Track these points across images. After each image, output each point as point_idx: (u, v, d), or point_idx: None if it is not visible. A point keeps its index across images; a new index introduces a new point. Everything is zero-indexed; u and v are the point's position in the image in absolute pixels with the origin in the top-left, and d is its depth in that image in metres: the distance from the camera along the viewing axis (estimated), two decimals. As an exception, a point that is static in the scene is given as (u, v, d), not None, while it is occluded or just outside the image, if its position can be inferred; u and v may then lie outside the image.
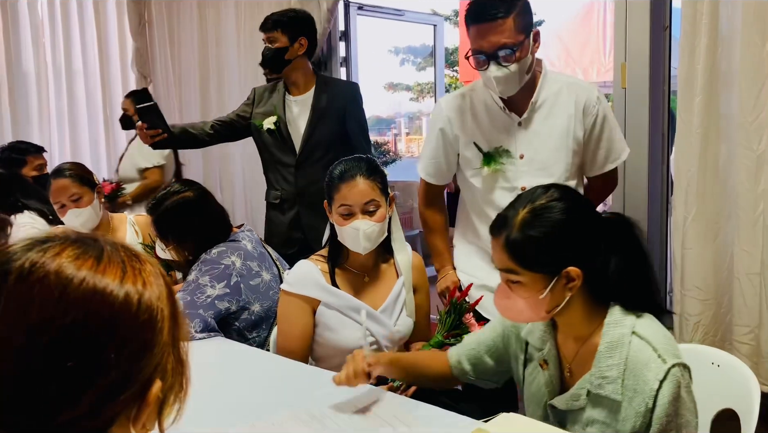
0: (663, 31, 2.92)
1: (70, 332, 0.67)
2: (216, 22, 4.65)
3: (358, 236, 1.88)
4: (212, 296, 2.10)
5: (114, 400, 0.70)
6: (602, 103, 2.09)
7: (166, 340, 0.74)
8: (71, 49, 5.33)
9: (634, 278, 1.39)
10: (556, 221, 1.35)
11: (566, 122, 2.05)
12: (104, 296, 0.69)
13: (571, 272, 1.34)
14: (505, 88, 1.98)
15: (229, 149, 4.67)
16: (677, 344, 1.38)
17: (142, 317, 0.71)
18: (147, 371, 0.72)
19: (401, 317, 2.02)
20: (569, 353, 1.47)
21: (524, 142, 2.05)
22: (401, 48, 11.82)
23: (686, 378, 1.30)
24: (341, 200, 1.89)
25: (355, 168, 1.90)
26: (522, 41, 1.91)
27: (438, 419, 1.49)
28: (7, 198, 3.10)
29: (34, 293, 0.68)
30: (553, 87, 2.07)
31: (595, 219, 1.41)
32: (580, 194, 1.49)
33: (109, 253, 0.73)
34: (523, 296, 1.38)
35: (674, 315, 2.69)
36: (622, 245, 1.39)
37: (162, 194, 2.24)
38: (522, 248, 1.35)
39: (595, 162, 2.13)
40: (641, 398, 1.29)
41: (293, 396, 1.66)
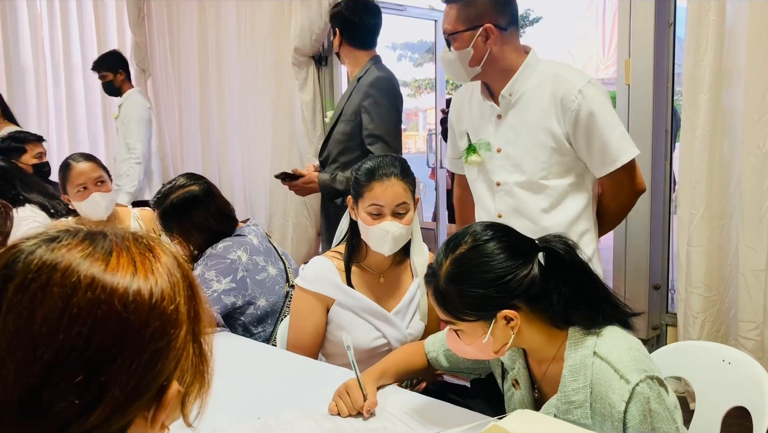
0: (667, 28, 2.91)
1: (76, 346, 0.63)
2: (216, 16, 4.63)
3: (386, 238, 1.84)
4: (218, 291, 2.09)
5: (126, 409, 0.66)
6: (586, 97, 1.85)
7: (183, 340, 0.70)
8: (70, 43, 5.31)
9: (582, 297, 1.35)
10: (474, 268, 1.33)
11: (541, 117, 1.91)
12: (111, 306, 0.65)
13: (507, 314, 1.32)
14: (449, 72, 2.04)
15: (228, 143, 4.66)
16: (646, 352, 1.35)
17: (153, 324, 0.67)
18: (161, 377, 0.69)
19: (414, 321, 1.99)
20: (539, 373, 1.46)
21: (501, 135, 1.99)
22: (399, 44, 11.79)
23: (655, 389, 1.27)
24: (373, 199, 1.83)
25: (389, 167, 1.85)
26: (459, 31, 1.92)
27: (448, 415, 1.49)
28: (8, 191, 3.07)
29: (36, 303, 0.64)
30: (534, 79, 1.94)
31: (522, 252, 1.35)
32: (503, 230, 1.39)
33: (118, 247, 0.69)
34: (467, 343, 1.38)
35: (678, 314, 2.70)
36: (559, 269, 1.35)
37: (167, 188, 2.23)
38: (449, 300, 1.34)
39: (592, 163, 1.93)
40: (610, 423, 1.27)
41: (301, 392, 1.65)
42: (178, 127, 5.14)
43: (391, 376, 1.67)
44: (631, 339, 1.36)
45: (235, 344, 2.03)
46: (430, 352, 1.71)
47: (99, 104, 5.44)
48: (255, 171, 4.50)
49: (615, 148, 1.88)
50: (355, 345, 1.89)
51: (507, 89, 1.96)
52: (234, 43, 4.53)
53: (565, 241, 1.37)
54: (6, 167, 3.16)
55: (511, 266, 1.32)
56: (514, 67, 1.96)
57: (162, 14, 5.05)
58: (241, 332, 2.17)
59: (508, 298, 1.32)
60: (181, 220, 2.19)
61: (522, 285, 1.32)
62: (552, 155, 1.92)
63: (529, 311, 1.34)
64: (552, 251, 1.35)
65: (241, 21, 4.45)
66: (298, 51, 4.05)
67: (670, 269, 3.03)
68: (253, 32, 4.37)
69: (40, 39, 5.20)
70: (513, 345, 1.37)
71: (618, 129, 1.90)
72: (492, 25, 1.90)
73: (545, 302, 1.34)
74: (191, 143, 4.98)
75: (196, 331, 0.73)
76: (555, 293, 1.34)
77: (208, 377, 0.76)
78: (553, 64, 2.01)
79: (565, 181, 1.95)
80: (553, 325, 1.37)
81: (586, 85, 1.88)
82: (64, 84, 5.32)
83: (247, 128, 4.54)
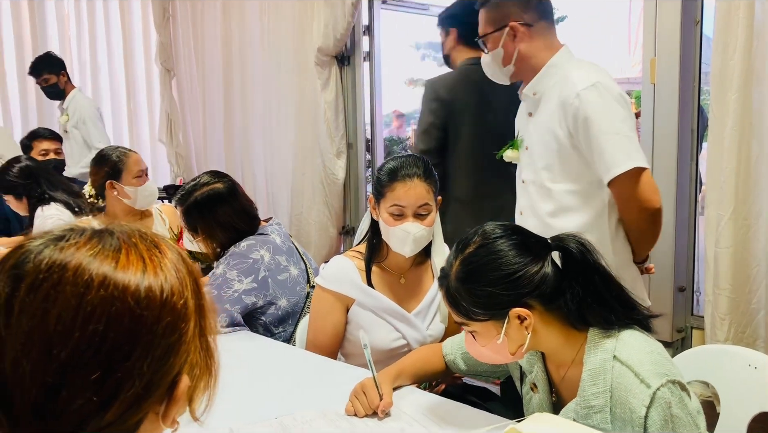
0: (694, 26, 2.86)
1: (91, 344, 0.64)
2: (240, 16, 4.65)
3: (407, 239, 1.83)
4: (239, 291, 2.09)
5: (140, 405, 0.67)
6: (583, 101, 1.79)
7: (192, 334, 0.71)
8: (96, 42, 5.38)
9: (595, 297, 1.33)
10: (482, 267, 1.32)
11: (548, 118, 1.91)
12: (124, 302, 0.66)
13: (520, 312, 1.30)
14: (488, 74, 2.07)
15: (251, 143, 4.69)
16: (667, 355, 1.33)
17: (165, 319, 0.68)
18: (173, 372, 0.70)
19: (434, 322, 1.98)
20: (557, 377, 1.44)
21: (527, 133, 2.03)
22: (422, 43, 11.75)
23: (676, 393, 1.25)
24: (395, 200, 1.82)
25: (412, 168, 1.83)
26: (489, 33, 1.97)
27: (467, 418, 1.48)
28: (35, 190, 3.12)
29: (50, 302, 0.64)
30: (551, 79, 1.93)
31: (532, 250, 1.33)
32: (514, 228, 1.38)
33: (126, 244, 0.70)
34: (482, 344, 1.36)
35: (705, 316, 2.66)
36: (572, 267, 1.33)
37: (191, 186, 2.24)
38: (460, 301, 1.34)
39: (599, 169, 1.84)
40: (631, 428, 1.25)
41: (320, 392, 1.65)
42: (201, 126, 5.18)
43: (408, 377, 1.66)
44: (651, 342, 1.34)
45: (255, 343, 2.03)
46: (448, 355, 1.70)
47: (124, 103, 5.51)
48: (277, 170, 4.52)
49: (609, 158, 1.78)
50: (375, 346, 1.89)
51: (530, 88, 1.98)
52: (258, 43, 4.55)
53: (579, 240, 1.36)
54: (32, 166, 3.21)
55: (520, 262, 1.31)
56: (542, 65, 1.98)
57: (187, 14, 5.09)
58: (262, 331, 2.18)
59: (519, 296, 1.30)
60: (205, 217, 2.20)
61: (533, 282, 1.30)
62: (555, 157, 1.91)
63: (543, 310, 1.33)
64: (565, 249, 1.34)
65: (265, 21, 4.47)
66: (322, 51, 4.05)
67: (695, 271, 2.98)
68: (277, 32, 4.39)
69: (68, 39, 5.27)
70: (530, 347, 1.36)
71: (615, 137, 1.78)
72: (516, 23, 1.93)
73: (560, 301, 1.32)
74: (215, 143, 5.01)
75: (202, 325, 0.74)
76: (569, 292, 1.32)
77: (214, 370, 0.77)
78: (575, 63, 1.97)
79: (569, 187, 1.90)
80: (570, 326, 1.35)
81: (586, 88, 1.81)
82: (90, 83, 5.39)
83: (270, 128, 4.56)
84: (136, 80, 5.52)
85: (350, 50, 4.20)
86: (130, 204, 2.81)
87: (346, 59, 4.22)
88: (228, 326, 2.07)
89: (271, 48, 4.45)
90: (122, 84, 5.49)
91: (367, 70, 4.28)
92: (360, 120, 4.26)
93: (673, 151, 2.82)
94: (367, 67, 4.27)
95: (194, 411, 0.76)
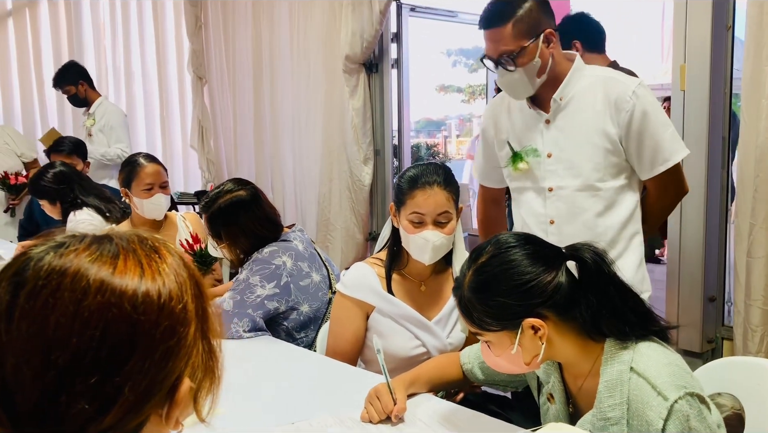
0: (725, 31, 2.81)
1: (89, 349, 0.65)
2: (270, 24, 4.70)
3: (426, 246, 1.82)
4: (262, 296, 2.11)
5: (140, 410, 0.68)
6: (640, 98, 1.91)
7: (192, 338, 0.72)
8: (130, 51, 5.48)
9: (609, 307, 1.31)
10: (495, 277, 1.31)
11: (595, 118, 1.93)
12: (122, 308, 0.66)
13: (533, 322, 1.29)
14: (512, 92, 2.00)
15: (281, 149, 4.73)
16: (686, 367, 1.30)
17: (163, 324, 0.69)
18: (173, 375, 0.70)
19: (455, 331, 1.96)
20: (574, 388, 1.42)
21: (551, 140, 1.99)
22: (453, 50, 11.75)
23: (695, 406, 1.22)
24: (414, 207, 1.82)
25: (432, 176, 1.83)
26: (524, 47, 1.89)
27: (482, 426, 1.47)
28: (68, 194, 3.19)
29: (49, 309, 0.65)
30: (583, 82, 1.97)
31: (545, 259, 1.32)
32: (527, 238, 1.37)
33: (125, 250, 0.71)
34: (497, 354, 1.35)
35: (735, 327, 2.60)
36: (587, 277, 1.31)
37: (215, 193, 2.27)
38: (473, 311, 1.33)
39: (641, 164, 1.96)
40: None
41: (337, 398, 1.65)
42: (232, 133, 5.24)
43: (423, 384, 1.65)
44: (670, 354, 1.31)
45: (276, 348, 2.05)
46: (466, 364, 1.69)
47: (157, 110, 5.60)
48: (306, 177, 4.55)
49: (668, 148, 1.94)
50: (394, 353, 1.89)
51: (558, 93, 1.97)
52: (287, 51, 4.60)
53: (594, 250, 1.34)
54: (66, 171, 3.28)
55: (533, 272, 1.29)
56: (564, 71, 1.98)
57: (218, 22, 5.16)
58: (284, 337, 2.19)
59: (532, 306, 1.29)
60: (228, 224, 2.23)
61: (546, 292, 1.29)
62: (607, 157, 1.94)
63: (558, 320, 1.31)
64: (580, 259, 1.32)
65: (294, 29, 4.51)
66: (349, 58, 4.08)
67: (726, 281, 2.92)
68: (306, 40, 4.42)
69: (103, 48, 5.39)
70: (546, 357, 1.34)
71: (670, 129, 1.96)
72: (550, 29, 1.92)
73: (575, 311, 1.31)
74: (245, 149, 5.07)
75: (204, 328, 0.75)
76: (583, 302, 1.30)
77: (218, 372, 0.77)
78: (599, 68, 2.07)
79: (618, 183, 1.98)
80: (587, 336, 1.33)
81: (638, 86, 1.93)
82: (124, 90, 5.50)
83: (299, 135, 4.60)
84: (169, 88, 5.62)
85: (378, 57, 4.22)
86: (139, 213, 2.84)
87: (374, 66, 4.23)
88: (250, 330, 2.08)
89: (300, 56, 4.49)
90: (155, 91, 5.59)
91: (395, 77, 4.29)
92: (387, 127, 4.27)
93: (703, 159, 2.77)
94: (395, 74, 4.29)
95: (200, 412, 0.77)
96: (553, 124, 1.99)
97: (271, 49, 4.72)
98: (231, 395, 1.57)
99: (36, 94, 5.38)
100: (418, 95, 13.41)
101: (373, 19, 3.92)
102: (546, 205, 2.01)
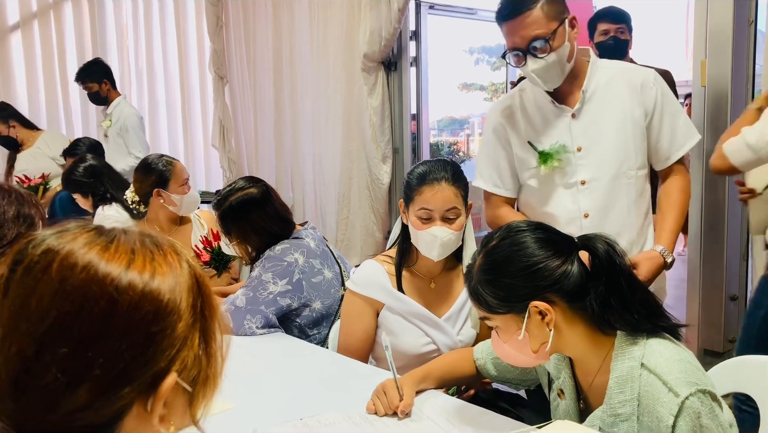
0: (748, 26, 2.77)
1: (66, 320, 0.67)
2: (289, 23, 4.73)
3: (434, 243, 1.81)
4: (274, 293, 2.12)
5: (115, 393, 0.68)
6: (659, 83, 1.98)
7: (183, 332, 0.72)
8: (152, 52, 5.54)
9: (618, 298, 1.30)
10: (504, 258, 1.32)
11: (622, 106, 1.95)
12: (103, 287, 0.68)
13: (538, 306, 1.28)
14: (547, 80, 1.93)
15: (300, 148, 4.75)
16: (698, 365, 1.28)
17: (145, 308, 0.69)
18: (155, 365, 0.70)
19: (465, 327, 1.96)
20: (585, 383, 1.41)
21: (580, 133, 1.97)
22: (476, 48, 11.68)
23: (707, 404, 1.21)
24: (422, 203, 1.81)
25: (440, 172, 1.82)
26: (555, 29, 1.86)
27: (488, 422, 1.46)
28: (98, 189, 3.24)
29: (37, 283, 0.68)
30: (604, 74, 1.99)
31: (556, 246, 1.32)
32: (539, 225, 1.37)
33: (120, 240, 0.72)
34: (504, 340, 1.35)
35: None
36: (597, 268, 1.31)
37: (227, 191, 2.28)
38: (481, 294, 1.33)
39: (659, 151, 1.99)
40: None
41: (347, 394, 1.65)
42: (253, 132, 5.28)
43: (434, 380, 1.65)
44: (681, 351, 1.30)
45: (288, 345, 2.05)
46: (479, 359, 1.69)
47: (179, 109, 5.66)
48: (326, 175, 4.57)
49: (684, 132, 2.00)
50: (404, 350, 1.89)
51: (585, 85, 1.98)
52: (307, 50, 4.61)
53: (607, 241, 1.33)
54: (96, 165, 3.32)
55: (540, 255, 1.30)
56: (582, 64, 1.99)
57: (239, 22, 5.19)
58: (296, 333, 2.20)
59: (538, 288, 1.29)
60: (239, 222, 2.24)
61: (553, 276, 1.29)
62: (636, 144, 1.97)
63: (567, 308, 1.30)
64: (590, 249, 1.32)
65: (314, 28, 4.53)
66: (368, 57, 4.08)
67: (748, 279, 2.87)
68: (325, 39, 4.44)
69: (126, 48, 5.45)
70: (554, 348, 1.33)
71: (685, 115, 2.03)
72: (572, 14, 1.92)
73: (584, 301, 1.30)
74: (266, 148, 5.10)
75: (203, 327, 0.75)
76: (593, 292, 1.30)
77: (213, 375, 0.76)
78: (612, 61, 2.08)
79: (644, 170, 2.01)
80: (597, 329, 1.32)
81: (655, 74, 2.01)
82: (146, 90, 5.56)
83: (319, 134, 4.62)
84: (191, 87, 5.66)
85: (397, 56, 4.22)
86: (174, 211, 2.89)
87: (393, 65, 4.23)
88: (263, 327, 2.10)
89: (319, 55, 4.50)
90: (177, 91, 5.64)
91: (414, 75, 4.29)
92: (406, 125, 4.27)
93: (724, 156, 2.72)
94: (413, 72, 4.28)
95: (195, 416, 0.76)
96: (579, 117, 1.98)
97: (291, 48, 4.74)
98: (241, 389, 1.59)
99: (60, 94, 5.45)
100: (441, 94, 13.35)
101: (391, 17, 3.92)
102: (578, 200, 1.98)
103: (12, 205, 1.30)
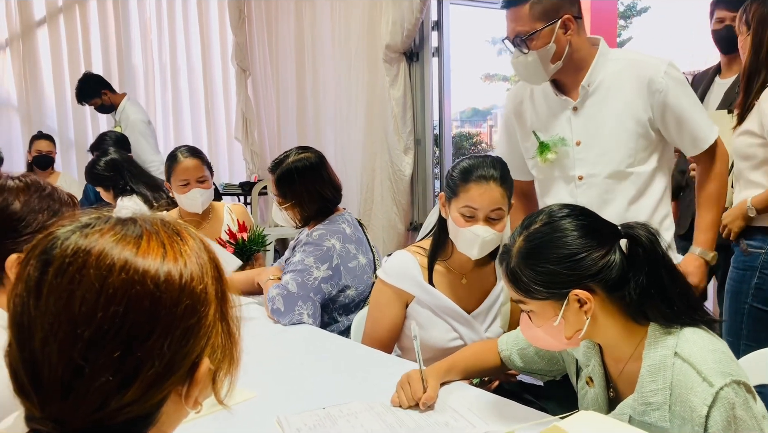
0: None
1: (113, 324, 0.67)
2: (312, 15, 4.73)
3: (476, 241, 1.78)
4: (318, 279, 2.14)
5: (160, 386, 0.70)
6: (672, 78, 1.89)
7: (212, 318, 0.74)
8: (176, 45, 5.58)
9: (658, 289, 1.28)
10: (546, 244, 1.29)
11: (625, 103, 1.91)
12: (144, 285, 0.69)
13: (579, 294, 1.26)
14: (526, 77, 1.97)
15: (323, 140, 4.76)
16: (732, 355, 1.27)
17: (184, 302, 0.71)
18: (193, 354, 0.72)
19: (494, 325, 1.95)
20: (615, 371, 1.40)
21: (579, 127, 1.96)
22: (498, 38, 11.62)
23: (741, 395, 1.19)
24: (468, 201, 1.77)
25: (489, 170, 1.78)
26: (538, 30, 1.86)
27: (512, 414, 1.45)
28: (118, 181, 3.28)
29: (75, 285, 0.68)
30: (611, 67, 1.94)
31: (599, 234, 1.30)
32: (581, 210, 1.35)
33: (144, 230, 0.73)
34: (538, 325, 1.33)
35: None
36: (639, 257, 1.29)
37: (283, 156, 2.34)
38: (520, 277, 1.31)
39: (683, 145, 1.97)
40: (690, 427, 1.20)
41: (370, 385, 1.65)
42: (276, 124, 5.30)
43: (459, 372, 1.64)
44: (716, 341, 1.28)
45: (311, 334, 2.06)
46: (504, 351, 1.68)
47: (202, 102, 5.69)
48: (348, 167, 4.57)
49: (702, 130, 1.94)
50: (431, 344, 1.88)
51: (586, 80, 1.95)
52: (329, 42, 4.62)
53: (648, 228, 1.32)
54: (117, 159, 3.37)
55: (585, 243, 1.28)
56: (587, 56, 1.96)
57: (261, 15, 5.22)
58: (327, 320, 2.22)
59: (580, 278, 1.27)
60: (295, 184, 2.28)
61: (596, 266, 1.27)
62: (639, 141, 1.92)
63: (605, 297, 1.29)
64: (634, 238, 1.30)
65: (336, 19, 4.53)
66: (390, 48, 4.07)
67: None
68: (347, 30, 4.44)
69: (149, 42, 5.50)
70: (588, 335, 1.32)
71: (699, 107, 1.96)
72: (570, 15, 1.88)
73: (623, 290, 1.28)
74: (289, 140, 5.12)
75: (223, 310, 0.77)
76: (633, 281, 1.28)
77: (236, 354, 0.79)
78: (624, 51, 2.05)
79: (650, 166, 1.95)
80: (631, 319, 1.31)
81: (668, 66, 1.91)
82: (170, 84, 5.60)
83: (342, 125, 4.62)
84: (213, 80, 5.70)
85: (419, 46, 4.21)
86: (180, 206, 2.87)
87: (415, 55, 4.22)
88: (311, 316, 2.11)
89: (341, 46, 4.50)
90: (200, 84, 5.68)
91: (436, 66, 4.27)
92: (429, 116, 4.26)
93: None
94: (436, 63, 4.26)
95: (218, 393, 0.78)
96: (581, 111, 1.96)
97: (313, 40, 4.75)
98: (263, 378, 1.60)
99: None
100: (463, 84, 13.27)
101: (413, 7, 3.91)
102: (575, 194, 1.98)
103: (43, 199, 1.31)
